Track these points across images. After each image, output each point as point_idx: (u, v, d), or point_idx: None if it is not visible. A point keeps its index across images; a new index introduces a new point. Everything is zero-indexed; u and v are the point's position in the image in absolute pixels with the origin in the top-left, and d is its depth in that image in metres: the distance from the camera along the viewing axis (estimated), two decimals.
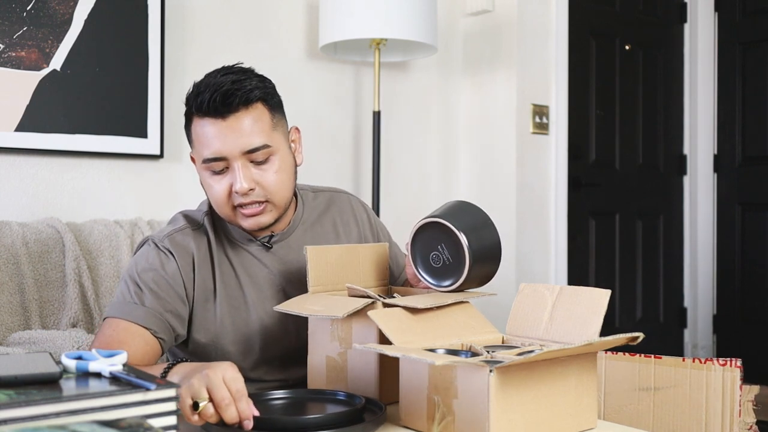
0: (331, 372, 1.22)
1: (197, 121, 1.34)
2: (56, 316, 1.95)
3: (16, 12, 2.17)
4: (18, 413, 0.80)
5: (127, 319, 1.31)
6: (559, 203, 3.27)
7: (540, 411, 1.01)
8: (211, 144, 1.32)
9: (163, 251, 1.38)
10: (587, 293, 1.14)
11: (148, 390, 0.88)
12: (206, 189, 1.39)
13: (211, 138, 1.32)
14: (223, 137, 1.31)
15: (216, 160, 1.33)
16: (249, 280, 1.43)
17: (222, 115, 1.31)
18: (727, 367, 1.24)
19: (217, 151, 1.32)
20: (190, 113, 1.36)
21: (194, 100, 1.33)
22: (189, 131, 1.39)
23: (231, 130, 1.31)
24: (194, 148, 1.38)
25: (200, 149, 1.34)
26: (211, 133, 1.32)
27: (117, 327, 1.31)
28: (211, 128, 1.32)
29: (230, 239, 1.44)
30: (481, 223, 1.26)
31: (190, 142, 1.39)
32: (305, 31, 2.83)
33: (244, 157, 1.33)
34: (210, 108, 1.31)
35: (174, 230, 1.42)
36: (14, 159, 2.21)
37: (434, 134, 3.24)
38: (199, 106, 1.32)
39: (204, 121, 1.33)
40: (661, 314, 3.90)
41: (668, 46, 3.93)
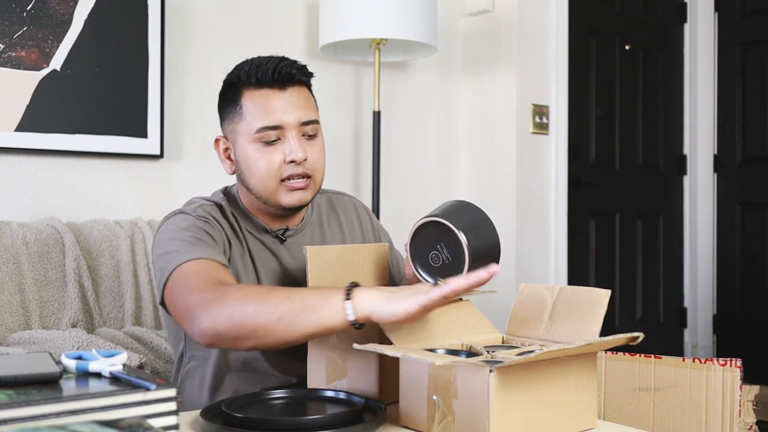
0: (331, 372, 1.22)
1: (252, 92, 1.37)
2: (56, 316, 1.95)
3: (16, 12, 2.17)
4: (18, 413, 0.80)
5: (211, 258, 1.26)
6: (559, 203, 3.27)
7: (540, 411, 1.01)
8: (271, 112, 1.36)
9: (200, 217, 1.36)
10: (587, 293, 1.14)
11: (148, 390, 0.88)
12: (251, 164, 1.38)
13: (272, 107, 1.36)
14: (283, 106, 1.36)
15: (273, 129, 1.36)
16: (263, 270, 1.43)
17: (282, 86, 1.37)
18: (727, 367, 1.24)
19: (277, 120, 1.36)
20: (239, 88, 1.39)
21: (253, 73, 1.37)
22: (236, 106, 1.39)
23: (291, 101, 1.37)
24: (243, 121, 1.38)
25: (255, 119, 1.37)
26: (271, 102, 1.36)
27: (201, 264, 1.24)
28: (271, 97, 1.37)
29: (248, 227, 1.44)
30: (480, 221, 1.26)
31: (235, 117, 1.39)
32: (305, 31, 2.83)
33: (299, 129, 1.38)
34: (274, 78, 1.36)
35: (201, 204, 1.41)
36: (14, 159, 2.21)
37: (434, 134, 3.24)
38: (259, 78, 1.36)
39: (262, 92, 1.37)
40: (661, 314, 3.90)
41: (668, 46, 3.93)
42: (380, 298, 1.06)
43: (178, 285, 1.24)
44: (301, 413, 1.10)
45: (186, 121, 2.53)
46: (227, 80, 1.43)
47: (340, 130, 2.94)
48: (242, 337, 1.14)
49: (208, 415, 1.05)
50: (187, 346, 1.46)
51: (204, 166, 2.54)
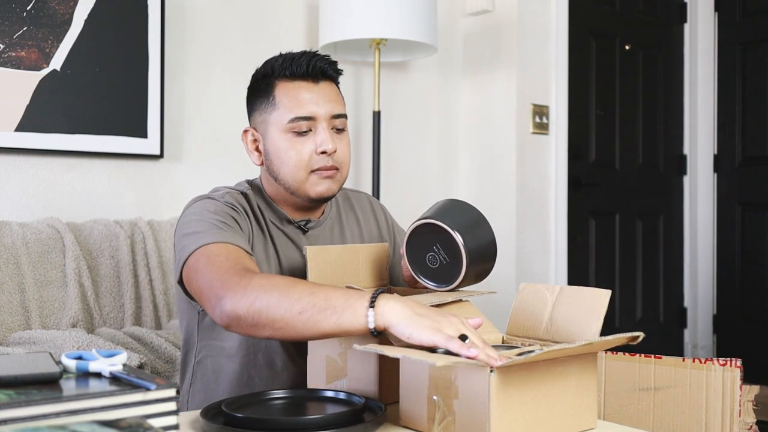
0: (330, 372, 1.22)
1: (286, 84, 1.41)
2: (56, 316, 1.95)
3: (16, 12, 2.17)
4: (18, 413, 0.80)
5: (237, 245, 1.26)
6: (559, 203, 3.27)
7: (540, 411, 1.01)
8: (304, 104, 1.39)
9: (227, 204, 1.37)
10: (587, 293, 1.14)
11: (148, 390, 0.88)
12: (281, 153, 1.40)
13: (307, 98, 1.40)
14: (316, 99, 1.41)
15: (306, 119, 1.39)
16: (285, 260, 1.45)
17: (315, 80, 1.42)
18: (727, 367, 1.24)
19: (310, 111, 1.40)
20: (272, 80, 1.42)
21: (287, 65, 1.41)
22: (269, 97, 1.42)
23: (322, 94, 1.42)
24: (275, 111, 1.41)
25: (288, 110, 1.40)
26: (304, 94, 1.40)
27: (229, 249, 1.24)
28: (304, 89, 1.41)
29: (271, 218, 1.46)
30: (475, 221, 1.25)
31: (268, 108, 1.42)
32: (305, 31, 2.83)
33: (330, 121, 1.42)
34: (308, 71, 1.41)
35: (226, 192, 1.42)
36: (14, 159, 2.21)
37: (434, 134, 3.24)
38: (294, 71, 1.41)
39: (296, 84, 1.41)
40: (661, 314, 3.90)
41: (668, 46, 3.93)
42: (404, 316, 1.04)
43: (203, 263, 1.23)
44: (301, 413, 1.10)
45: (186, 121, 2.53)
46: (259, 72, 1.46)
47: None
48: (261, 325, 1.12)
49: (208, 415, 1.05)
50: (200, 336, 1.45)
51: (204, 166, 2.54)
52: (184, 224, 1.34)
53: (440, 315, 1.04)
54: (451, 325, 1.02)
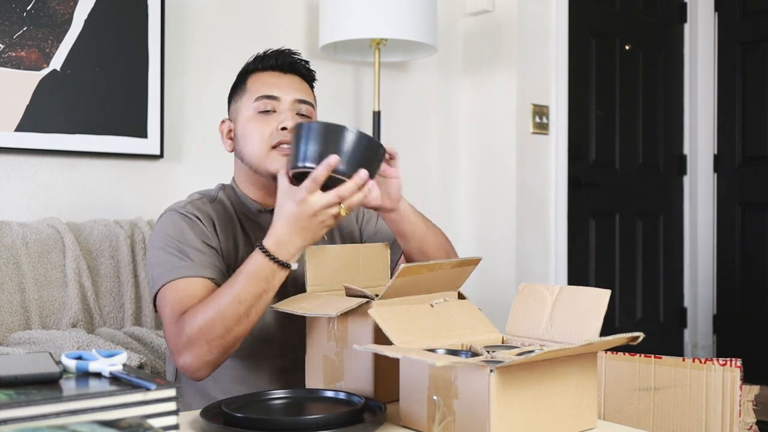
0: (328, 371, 1.22)
1: (258, 74, 1.53)
2: (56, 316, 1.95)
3: (16, 12, 2.17)
4: (18, 413, 0.80)
5: (183, 276, 1.35)
6: (559, 203, 3.27)
7: (540, 411, 1.01)
8: (270, 86, 1.50)
9: (187, 216, 1.45)
10: (587, 293, 1.14)
11: (148, 390, 0.88)
12: (246, 133, 1.50)
13: (272, 82, 1.51)
14: (280, 84, 1.52)
15: (269, 98, 1.49)
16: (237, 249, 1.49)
17: (284, 71, 1.53)
18: (727, 367, 1.24)
19: (274, 92, 1.50)
20: (247, 73, 1.55)
21: (261, 59, 1.54)
22: (243, 86, 1.54)
23: (289, 82, 1.53)
24: (245, 96, 1.52)
25: (255, 92, 1.50)
26: (271, 79, 1.52)
27: (177, 288, 1.35)
28: (273, 77, 1.52)
29: (244, 211, 1.53)
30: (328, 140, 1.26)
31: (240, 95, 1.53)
32: (305, 31, 2.83)
33: (294, 105, 1.50)
34: (277, 63, 1.53)
35: (192, 200, 1.51)
36: (14, 159, 2.21)
37: (434, 134, 3.23)
38: (265, 62, 1.53)
39: (266, 73, 1.53)
40: (661, 314, 3.90)
41: (668, 46, 3.93)
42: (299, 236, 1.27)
43: (161, 302, 1.37)
44: (301, 413, 1.10)
45: (186, 121, 2.53)
46: (240, 71, 1.57)
47: None
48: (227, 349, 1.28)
49: (208, 415, 1.05)
50: None
51: (204, 166, 2.54)
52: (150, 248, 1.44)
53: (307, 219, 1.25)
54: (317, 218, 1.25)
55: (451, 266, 1.24)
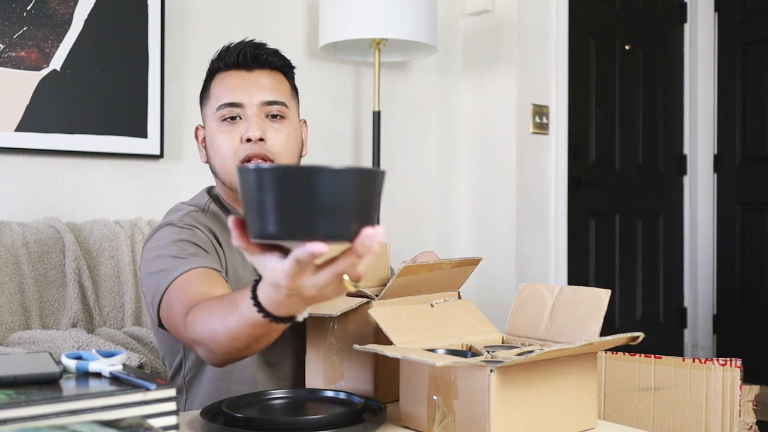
0: (328, 371, 1.22)
1: (221, 75, 1.39)
2: (56, 316, 1.95)
3: (16, 12, 2.17)
4: (18, 413, 0.80)
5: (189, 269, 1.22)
6: (559, 203, 3.27)
7: (540, 411, 1.01)
8: (231, 90, 1.35)
9: (185, 227, 1.33)
10: (587, 293, 1.14)
11: (148, 390, 0.88)
12: (214, 144, 1.38)
13: (233, 86, 1.36)
14: (244, 85, 1.35)
15: (231, 106, 1.35)
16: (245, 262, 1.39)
17: (248, 68, 1.37)
18: (727, 367, 1.24)
19: (237, 98, 1.35)
20: (213, 73, 1.40)
21: (223, 56, 1.38)
22: (207, 92, 1.41)
23: (254, 81, 1.36)
24: (210, 101, 1.39)
25: (218, 98, 1.37)
26: (233, 82, 1.36)
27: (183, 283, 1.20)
28: (236, 78, 1.37)
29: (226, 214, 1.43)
30: None
31: (206, 101, 1.41)
32: (305, 31, 2.83)
33: (261, 109, 1.35)
34: (239, 59, 1.36)
35: (186, 213, 1.39)
36: (14, 159, 2.21)
37: (434, 134, 3.23)
38: (227, 60, 1.37)
39: (229, 73, 1.38)
40: (661, 314, 3.90)
41: (668, 46, 3.93)
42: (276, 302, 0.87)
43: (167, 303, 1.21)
44: (301, 413, 1.10)
45: (186, 121, 2.53)
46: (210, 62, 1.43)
47: (340, 130, 2.94)
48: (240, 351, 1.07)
49: (208, 415, 1.05)
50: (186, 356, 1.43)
51: (204, 166, 2.52)
52: (146, 262, 1.30)
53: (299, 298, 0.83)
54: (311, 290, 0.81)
55: (451, 266, 1.24)
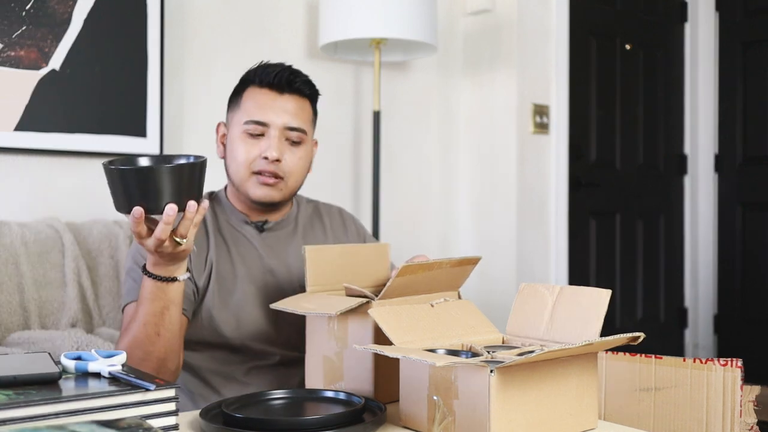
0: (328, 372, 1.22)
1: (255, 89, 1.50)
2: (55, 316, 1.95)
3: (15, 11, 2.17)
4: (17, 413, 0.79)
5: (130, 301, 1.39)
6: (559, 203, 3.27)
7: (541, 411, 1.01)
8: (262, 109, 1.48)
9: None
10: (587, 293, 1.14)
11: (147, 390, 0.88)
12: (233, 150, 1.50)
13: (264, 104, 1.48)
14: (274, 107, 1.48)
15: (259, 124, 1.48)
16: (240, 258, 1.51)
17: (280, 91, 1.50)
18: (728, 367, 1.24)
19: (266, 118, 1.48)
20: (247, 83, 1.52)
21: (261, 72, 1.51)
22: (239, 98, 1.52)
23: (282, 105, 1.49)
24: (239, 112, 1.50)
25: (247, 112, 1.49)
26: (265, 100, 1.49)
27: (128, 310, 1.39)
28: (267, 97, 1.49)
29: (227, 221, 1.55)
30: None
31: (235, 108, 1.52)
32: (305, 31, 2.82)
33: (282, 132, 1.48)
34: (274, 80, 1.49)
35: None
36: (14, 159, 2.21)
37: (434, 134, 3.23)
38: (263, 78, 1.49)
39: (263, 91, 1.50)
40: (662, 314, 3.90)
41: (668, 46, 3.93)
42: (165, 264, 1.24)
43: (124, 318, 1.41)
44: (301, 413, 1.10)
45: (186, 121, 2.53)
46: (242, 76, 1.55)
47: (340, 130, 2.94)
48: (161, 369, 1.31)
49: (208, 415, 1.05)
50: None
51: None
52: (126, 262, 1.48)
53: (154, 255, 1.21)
54: None
55: (451, 265, 1.24)
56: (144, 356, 1.28)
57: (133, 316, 1.32)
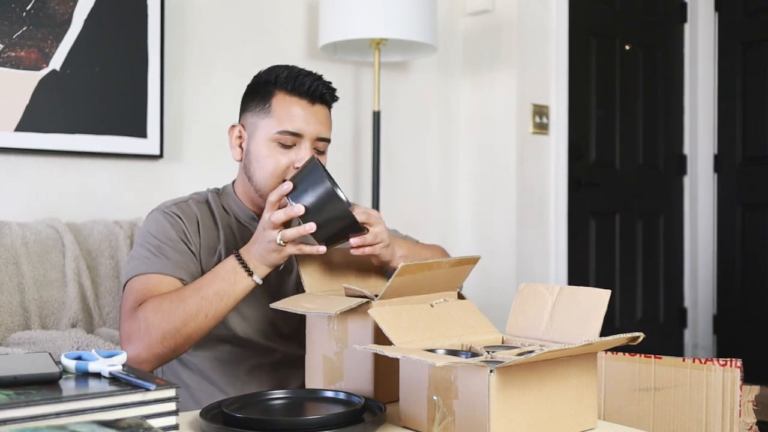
0: (328, 371, 1.22)
1: (286, 97, 1.48)
2: (56, 316, 1.95)
3: (15, 12, 2.17)
4: (18, 413, 0.80)
5: (156, 272, 1.40)
6: (559, 203, 3.27)
7: (540, 411, 1.01)
8: (297, 121, 1.47)
9: (169, 214, 1.49)
10: (587, 293, 1.14)
11: (147, 390, 0.88)
12: (261, 159, 1.49)
13: (299, 116, 1.48)
14: (308, 119, 1.48)
15: (294, 135, 1.47)
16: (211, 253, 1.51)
17: (312, 101, 1.49)
18: (728, 368, 1.24)
19: (300, 129, 1.47)
20: (275, 87, 1.49)
21: (291, 80, 1.48)
22: (266, 104, 1.49)
23: (315, 116, 1.49)
24: (268, 118, 1.48)
25: (280, 122, 1.47)
26: (299, 112, 1.48)
27: (147, 281, 1.39)
28: (301, 108, 1.48)
29: (236, 216, 1.55)
30: None
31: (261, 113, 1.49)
32: (305, 31, 2.83)
33: (314, 142, 1.49)
34: (309, 92, 1.48)
35: (179, 200, 1.54)
36: (14, 159, 2.21)
37: (434, 134, 3.23)
38: (298, 87, 1.48)
39: (293, 99, 1.48)
40: (661, 314, 3.90)
41: (668, 46, 3.93)
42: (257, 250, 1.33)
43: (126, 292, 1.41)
44: (301, 413, 1.10)
45: (186, 121, 2.53)
46: (262, 76, 1.53)
47: (340, 130, 2.94)
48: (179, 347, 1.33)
49: (208, 415, 1.05)
50: None
51: (204, 166, 2.54)
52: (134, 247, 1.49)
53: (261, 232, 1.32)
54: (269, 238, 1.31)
55: (450, 265, 1.24)
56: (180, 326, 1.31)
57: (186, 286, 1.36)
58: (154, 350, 1.31)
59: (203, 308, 1.31)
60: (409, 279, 1.18)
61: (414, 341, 1.10)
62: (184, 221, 1.48)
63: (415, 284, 1.21)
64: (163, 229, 1.46)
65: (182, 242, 1.45)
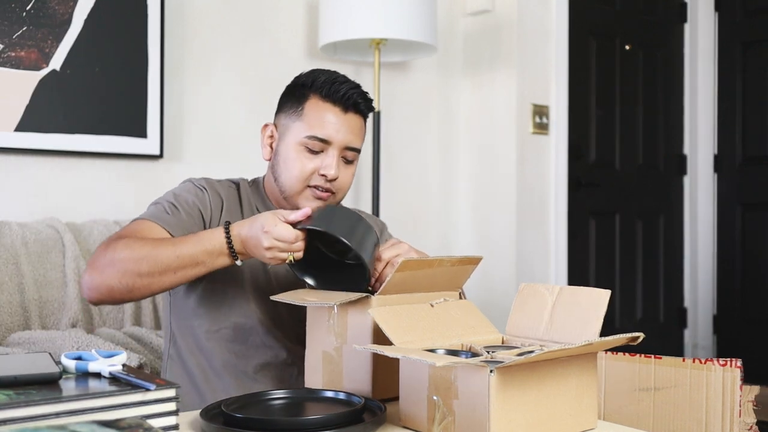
0: (327, 367, 1.22)
1: (319, 102, 1.48)
2: (56, 316, 1.95)
3: (15, 12, 2.17)
4: (18, 413, 0.80)
5: (156, 222, 1.41)
6: (559, 203, 3.27)
7: (540, 411, 1.01)
8: (327, 127, 1.47)
9: (197, 186, 1.50)
10: (587, 293, 1.14)
11: (147, 390, 0.88)
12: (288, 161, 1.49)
13: (330, 123, 1.47)
14: (339, 127, 1.47)
15: (322, 141, 1.47)
16: None
17: (346, 109, 1.48)
18: (728, 368, 1.24)
19: (329, 136, 1.46)
20: (310, 91, 1.49)
21: (327, 85, 1.48)
22: (299, 107, 1.49)
23: (346, 124, 1.48)
24: (299, 122, 1.48)
25: (310, 126, 1.47)
26: (331, 118, 1.47)
27: (142, 225, 1.41)
28: (333, 115, 1.47)
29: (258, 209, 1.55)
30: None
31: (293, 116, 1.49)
32: (305, 31, 2.83)
33: (342, 151, 1.48)
34: (343, 99, 1.47)
35: (209, 178, 1.55)
36: (14, 159, 2.21)
37: (434, 134, 3.23)
38: (333, 93, 1.47)
39: (327, 105, 1.48)
40: (661, 314, 3.90)
41: (668, 46, 3.93)
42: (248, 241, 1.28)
43: (125, 226, 1.43)
44: (300, 413, 1.10)
45: (186, 121, 2.53)
46: (300, 78, 1.52)
47: None
48: (136, 290, 1.32)
49: (208, 415, 1.05)
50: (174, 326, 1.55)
51: (204, 166, 2.54)
52: (162, 195, 1.51)
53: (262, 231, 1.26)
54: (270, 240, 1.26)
55: (452, 264, 1.24)
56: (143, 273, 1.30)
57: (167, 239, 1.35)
58: (109, 282, 1.31)
59: (173, 265, 1.30)
60: (410, 275, 1.19)
61: (414, 341, 1.10)
62: (209, 194, 1.49)
63: (416, 281, 1.21)
64: (185, 194, 1.48)
65: (197, 209, 1.46)
